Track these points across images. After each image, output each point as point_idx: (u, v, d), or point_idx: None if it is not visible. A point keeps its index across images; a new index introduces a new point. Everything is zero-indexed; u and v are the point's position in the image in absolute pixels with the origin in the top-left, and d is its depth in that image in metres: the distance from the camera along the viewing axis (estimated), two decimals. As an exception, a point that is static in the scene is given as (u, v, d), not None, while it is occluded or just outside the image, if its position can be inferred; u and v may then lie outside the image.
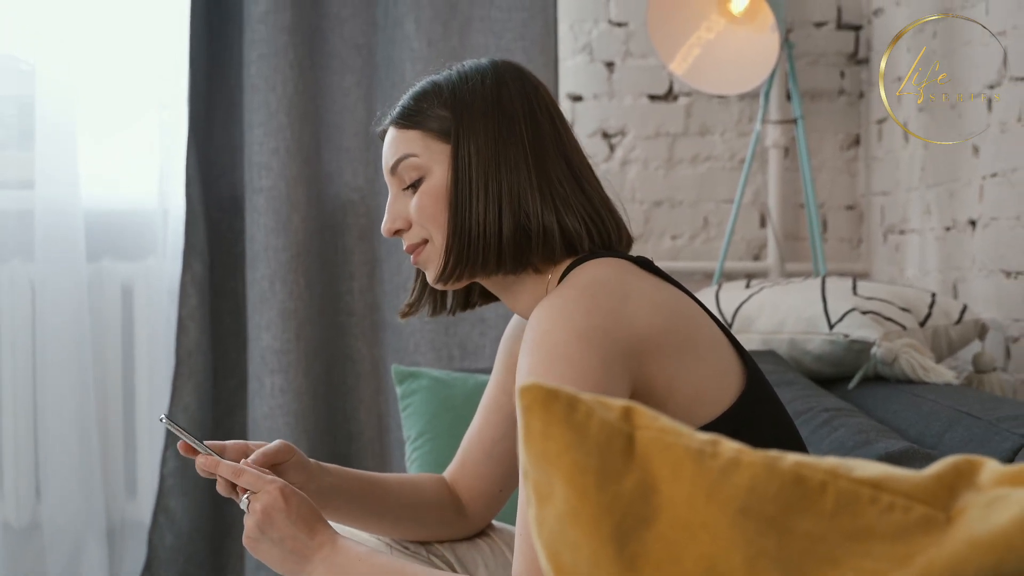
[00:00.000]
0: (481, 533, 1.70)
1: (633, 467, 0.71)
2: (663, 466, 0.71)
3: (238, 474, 1.38)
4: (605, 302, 1.28)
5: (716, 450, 0.72)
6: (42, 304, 2.85)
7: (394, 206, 1.48)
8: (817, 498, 0.71)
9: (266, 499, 1.36)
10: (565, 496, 0.71)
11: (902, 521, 0.72)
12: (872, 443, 1.73)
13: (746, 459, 0.71)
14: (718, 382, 1.33)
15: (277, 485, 1.37)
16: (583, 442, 0.71)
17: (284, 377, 2.84)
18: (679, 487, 0.71)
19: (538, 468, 0.72)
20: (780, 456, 0.72)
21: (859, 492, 0.72)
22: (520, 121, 1.44)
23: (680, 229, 3.24)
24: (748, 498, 0.70)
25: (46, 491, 2.86)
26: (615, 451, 0.71)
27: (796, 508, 0.71)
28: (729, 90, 2.96)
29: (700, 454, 0.71)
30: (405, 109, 1.47)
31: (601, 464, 0.71)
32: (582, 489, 0.71)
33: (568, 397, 0.72)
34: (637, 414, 0.73)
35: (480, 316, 2.96)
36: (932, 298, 2.35)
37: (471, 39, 2.95)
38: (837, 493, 0.71)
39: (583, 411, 0.72)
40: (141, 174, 2.99)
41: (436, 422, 2.26)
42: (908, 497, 0.73)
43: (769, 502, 0.70)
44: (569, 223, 1.41)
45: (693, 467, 0.71)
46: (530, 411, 0.72)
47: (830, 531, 0.71)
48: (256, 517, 1.36)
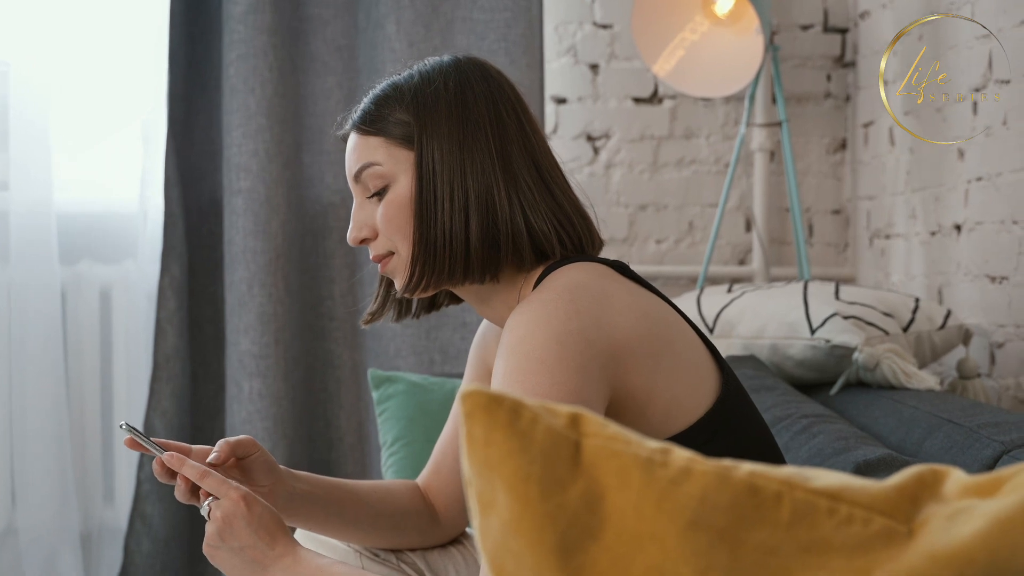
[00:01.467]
0: (454, 540, 1.67)
1: (579, 476, 0.68)
2: (610, 475, 0.68)
3: (202, 476, 1.35)
4: (585, 307, 1.25)
5: (666, 459, 0.69)
6: (18, 307, 2.81)
7: (359, 214, 1.43)
8: (772, 509, 0.68)
9: (227, 506, 1.33)
10: (508, 504, 0.68)
11: (861, 534, 0.69)
12: (851, 450, 1.70)
13: (698, 468, 0.68)
14: (695, 389, 1.31)
15: (240, 492, 1.34)
16: (527, 449, 0.68)
17: (263, 382, 2.81)
18: (627, 497, 0.67)
19: (480, 476, 0.69)
20: (734, 465, 0.69)
21: (816, 503, 0.69)
22: (485, 123, 1.39)
23: (665, 233, 3.21)
24: (699, 509, 0.67)
25: (22, 496, 2.82)
26: (560, 459, 0.68)
27: (749, 520, 0.67)
28: (713, 92, 2.93)
29: (649, 463, 0.68)
30: (366, 114, 1.42)
31: (545, 472, 0.68)
32: (525, 497, 0.68)
33: (512, 403, 0.69)
34: (585, 421, 0.70)
35: (462, 320, 2.93)
36: (915, 303, 2.33)
37: (454, 41, 2.91)
38: (793, 504, 0.68)
39: (528, 417, 0.69)
40: (119, 176, 2.96)
41: (412, 427, 2.23)
42: (868, 509, 0.70)
43: (721, 513, 0.67)
44: (538, 228, 1.37)
45: (642, 476, 0.68)
46: (472, 417, 0.69)
47: (785, 544, 0.68)
48: (217, 524, 1.33)
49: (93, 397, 2.91)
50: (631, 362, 1.25)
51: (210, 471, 1.35)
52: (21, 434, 2.82)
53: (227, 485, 1.34)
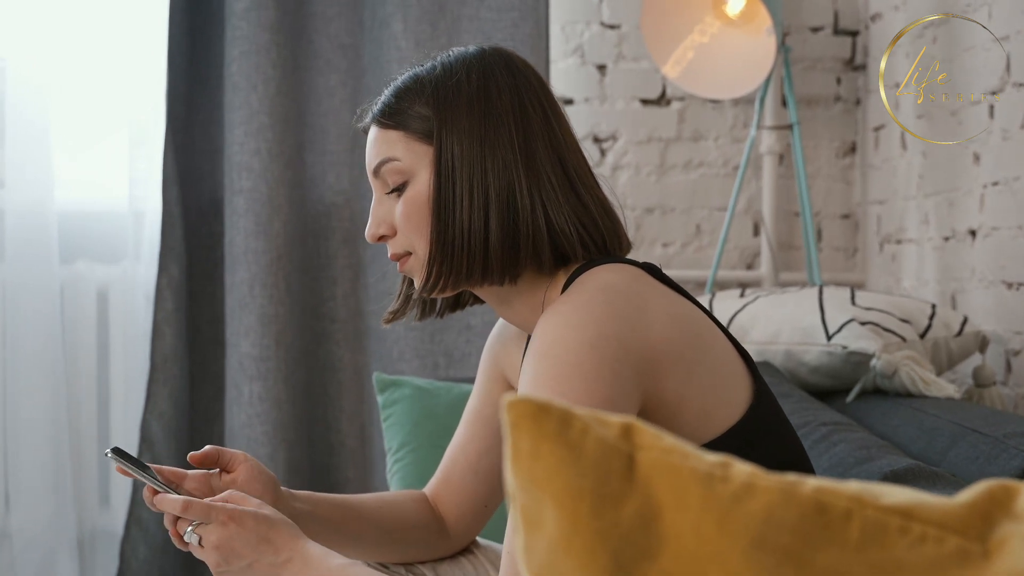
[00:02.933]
0: (464, 550, 1.62)
1: (633, 491, 0.63)
2: (667, 491, 0.63)
3: (185, 508, 1.29)
4: (620, 310, 1.20)
5: (727, 473, 0.64)
6: (13, 307, 2.76)
7: (378, 210, 1.38)
8: (841, 528, 0.63)
9: (219, 531, 1.27)
10: (557, 522, 0.63)
11: (934, 554, 0.64)
12: (874, 460, 1.65)
13: (761, 484, 0.63)
14: (728, 395, 1.26)
15: (227, 512, 1.28)
16: (577, 462, 0.63)
17: (263, 385, 2.76)
18: (685, 515, 0.63)
19: (526, 491, 0.64)
20: (798, 481, 0.64)
21: (887, 522, 0.64)
22: (508, 118, 1.33)
23: (672, 237, 3.17)
24: (764, 528, 0.62)
25: (16, 500, 2.77)
26: (613, 473, 0.63)
27: (817, 539, 0.63)
28: (724, 94, 2.89)
29: (709, 478, 0.63)
30: (386, 107, 1.37)
31: (597, 487, 0.63)
32: (576, 515, 0.63)
33: (561, 412, 0.64)
34: (638, 432, 0.65)
35: (466, 323, 2.88)
36: (932, 309, 2.28)
37: (460, 40, 2.86)
38: (863, 523, 0.63)
39: (578, 428, 0.64)
40: (117, 175, 2.90)
41: (418, 433, 2.18)
42: (940, 527, 0.65)
43: (787, 532, 0.62)
44: (560, 229, 1.31)
45: (701, 492, 0.63)
46: (518, 428, 0.64)
47: (855, 565, 0.63)
48: (217, 551, 1.27)
49: (90, 399, 2.86)
50: (665, 368, 1.20)
51: (192, 500, 1.29)
52: (15, 436, 2.76)
53: (213, 509, 1.28)
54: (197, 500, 1.29)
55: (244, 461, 1.40)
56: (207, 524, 1.28)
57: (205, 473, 1.39)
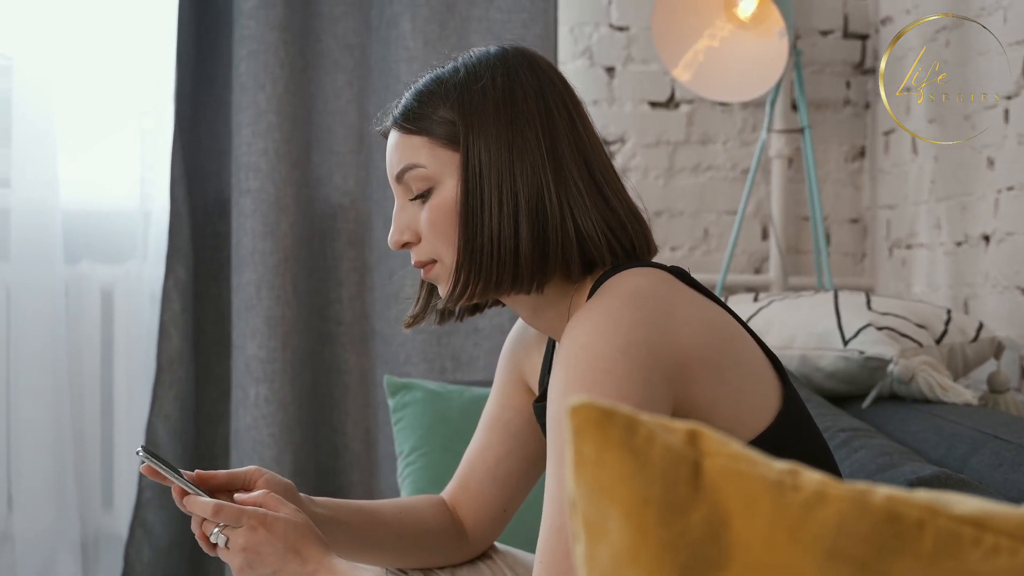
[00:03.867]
0: (483, 556, 1.60)
1: (701, 500, 0.61)
2: (735, 499, 0.61)
3: (216, 512, 1.27)
4: (650, 315, 1.17)
5: (797, 481, 0.62)
6: (17, 307, 2.74)
7: (401, 217, 1.34)
8: (914, 539, 0.61)
9: (248, 535, 1.25)
10: (623, 532, 0.61)
11: (1009, 566, 0.62)
12: (897, 466, 1.63)
13: (832, 492, 0.61)
14: (758, 401, 1.24)
15: (258, 517, 1.26)
16: (644, 470, 0.61)
17: (269, 387, 2.73)
18: (755, 524, 0.61)
19: (590, 500, 0.62)
20: (869, 489, 0.62)
21: (960, 532, 0.62)
22: (535, 121, 1.29)
23: (680, 240, 3.15)
24: (836, 537, 0.60)
25: (18, 501, 2.74)
26: (680, 481, 0.61)
27: (891, 550, 0.61)
28: (735, 97, 2.87)
29: (779, 486, 0.61)
30: (408, 111, 1.33)
31: (664, 495, 0.61)
32: (643, 524, 0.61)
33: (626, 418, 0.62)
34: (704, 438, 0.63)
35: (474, 327, 2.86)
36: (948, 315, 2.26)
37: (469, 40, 2.84)
38: (936, 533, 0.61)
39: (643, 435, 0.62)
40: (123, 174, 2.87)
41: (430, 437, 2.16)
42: (1013, 538, 0.63)
43: (860, 542, 0.60)
44: (588, 235, 1.28)
45: (772, 500, 0.61)
46: (582, 434, 0.62)
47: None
48: (242, 556, 1.26)
49: (93, 400, 2.83)
50: (695, 373, 1.18)
51: (223, 504, 1.28)
52: (18, 437, 2.74)
53: (244, 513, 1.27)
54: (228, 504, 1.27)
55: (260, 476, 1.38)
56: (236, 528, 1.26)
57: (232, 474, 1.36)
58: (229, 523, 1.26)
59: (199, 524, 1.29)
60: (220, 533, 1.27)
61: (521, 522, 1.70)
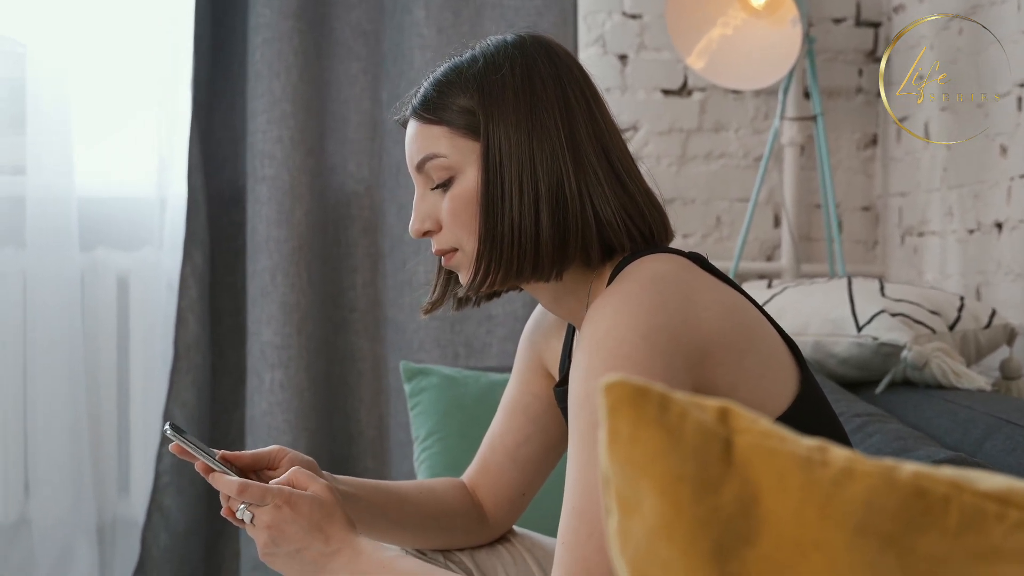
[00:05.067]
0: (502, 539, 1.61)
1: (732, 476, 0.63)
2: (767, 475, 0.63)
3: (241, 491, 1.29)
4: (670, 300, 1.18)
5: (826, 457, 0.63)
6: (33, 294, 2.75)
7: (422, 205, 1.35)
8: (940, 514, 0.62)
9: (273, 513, 1.27)
10: (657, 508, 0.62)
11: (1032, 541, 0.63)
12: (911, 451, 1.64)
13: (860, 468, 0.63)
14: (776, 386, 1.25)
15: (283, 495, 1.28)
16: (677, 447, 0.63)
17: (284, 373, 2.75)
18: (786, 500, 0.62)
19: (623, 476, 0.64)
20: (896, 465, 0.64)
21: (985, 507, 0.63)
22: (553, 109, 1.30)
23: (693, 227, 3.16)
24: (866, 513, 0.61)
25: (35, 487, 2.77)
26: (712, 457, 0.63)
27: (918, 525, 0.62)
28: (748, 85, 2.88)
29: (808, 462, 0.63)
30: (427, 101, 1.34)
31: (698, 472, 0.62)
32: (677, 500, 0.62)
33: (660, 396, 0.63)
34: (735, 416, 0.64)
35: (487, 313, 2.87)
36: (961, 302, 2.27)
37: (483, 27, 2.85)
38: (961, 508, 0.63)
39: (676, 412, 0.63)
40: (139, 162, 2.89)
41: (447, 422, 2.17)
42: (1037, 514, 0.64)
43: (889, 518, 0.62)
44: (608, 222, 1.29)
45: (801, 477, 0.62)
46: (616, 411, 0.63)
47: (955, 551, 0.62)
48: (268, 532, 1.27)
49: (110, 387, 2.85)
50: (716, 358, 1.19)
51: (249, 482, 1.29)
52: (35, 423, 2.76)
53: (269, 491, 1.28)
54: (254, 483, 1.28)
55: (284, 455, 1.40)
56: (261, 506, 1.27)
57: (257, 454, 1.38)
58: (254, 502, 1.28)
59: (227, 499, 1.31)
60: (247, 510, 1.28)
61: (539, 507, 1.71)
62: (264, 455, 1.39)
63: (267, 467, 1.39)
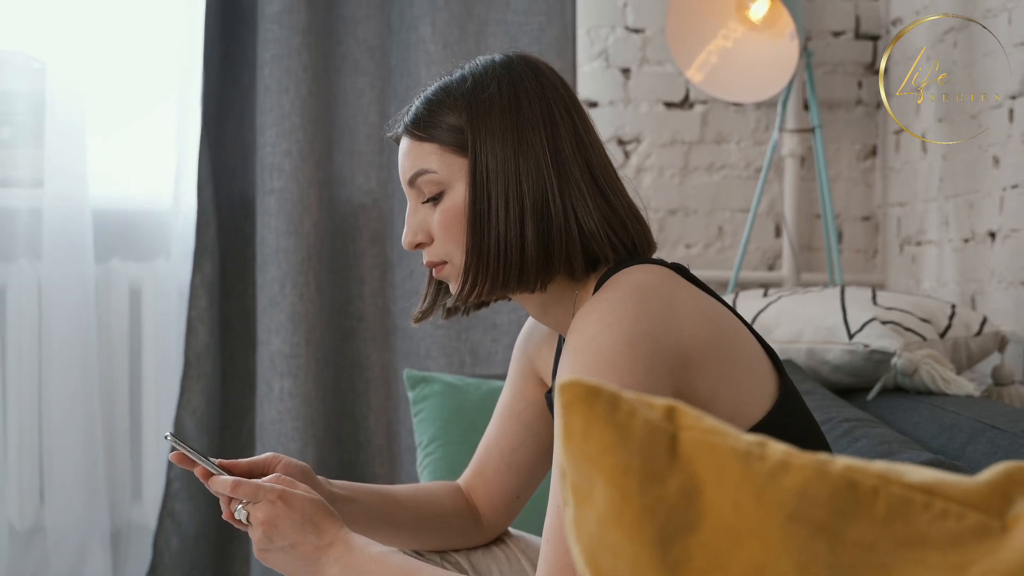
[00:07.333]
0: (497, 540, 1.67)
1: (676, 469, 0.68)
2: (708, 468, 0.68)
3: (235, 488, 1.34)
4: (653, 308, 1.24)
5: (764, 452, 0.68)
6: (49, 304, 2.82)
7: (414, 219, 1.41)
8: (869, 504, 0.68)
9: (267, 508, 1.32)
10: (607, 498, 0.68)
11: (955, 529, 0.69)
12: (895, 454, 1.69)
13: (795, 462, 0.68)
14: (755, 393, 1.30)
15: (276, 492, 1.33)
16: (626, 442, 0.68)
17: (293, 381, 2.81)
18: (725, 490, 0.67)
19: (578, 469, 0.69)
20: (829, 460, 0.69)
21: (911, 498, 0.69)
22: (539, 127, 1.36)
23: (694, 238, 3.21)
24: (798, 503, 0.67)
25: (50, 494, 2.83)
26: (658, 452, 0.68)
27: (848, 514, 0.67)
28: (747, 98, 2.93)
29: (747, 456, 0.68)
30: (418, 119, 1.40)
31: (644, 465, 0.68)
32: (624, 491, 0.68)
33: (610, 395, 0.69)
34: (681, 414, 0.70)
35: (492, 322, 2.93)
36: (952, 309, 2.32)
37: (487, 43, 2.92)
38: (889, 499, 0.68)
39: (626, 410, 0.69)
40: (151, 174, 2.96)
41: (449, 428, 2.23)
42: (961, 504, 0.69)
43: (820, 507, 0.67)
44: (591, 235, 1.35)
45: (740, 469, 0.68)
46: (570, 409, 0.69)
47: (882, 539, 0.68)
48: (262, 528, 1.32)
49: (122, 395, 2.92)
50: (696, 366, 1.25)
51: (242, 480, 1.35)
52: (49, 431, 2.82)
53: (262, 488, 1.34)
54: (247, 480, 1.34)
55: (278, 461, 1.45)
56: (256, 503, 1.33)
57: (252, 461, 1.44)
58: (248, 499, 1.33)
59: (227, 504, 1.36)
60: (243, 509, 1.34)
61: (535, 509, 1.77)
62: (259, 462, 1.44)
63: (262, 473, 1.44)
